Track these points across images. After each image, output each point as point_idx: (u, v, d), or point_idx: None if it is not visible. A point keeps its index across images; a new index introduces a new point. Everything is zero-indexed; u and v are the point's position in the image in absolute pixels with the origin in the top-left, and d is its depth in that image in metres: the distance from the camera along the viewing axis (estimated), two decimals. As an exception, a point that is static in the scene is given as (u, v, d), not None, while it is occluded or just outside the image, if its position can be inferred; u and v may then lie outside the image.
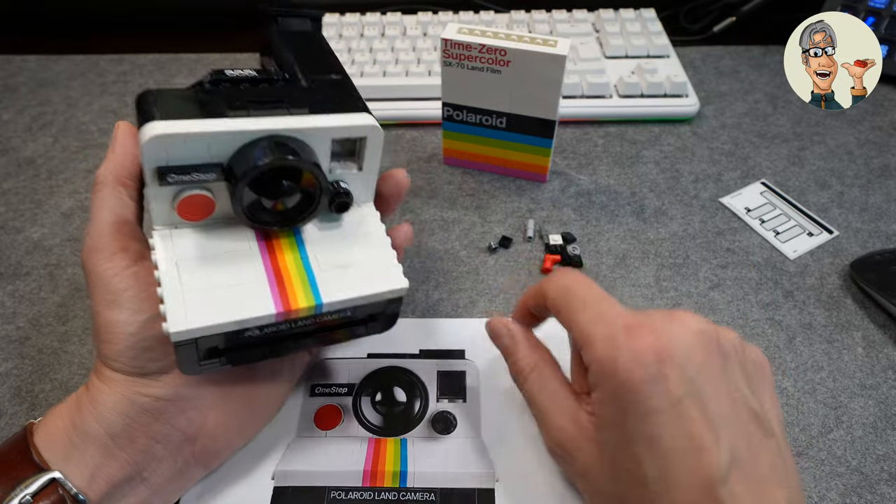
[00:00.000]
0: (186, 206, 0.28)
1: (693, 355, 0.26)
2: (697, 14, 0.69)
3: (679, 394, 0.24)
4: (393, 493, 0.33)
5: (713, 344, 0.26)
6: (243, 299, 0.27)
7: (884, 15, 0.59)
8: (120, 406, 0.28)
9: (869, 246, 0.46)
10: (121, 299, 0.28)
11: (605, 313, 0.27)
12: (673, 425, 0.24)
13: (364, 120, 0.29)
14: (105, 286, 0.28)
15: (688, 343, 0.26)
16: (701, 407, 0.25)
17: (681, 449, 0.24)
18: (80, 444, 0.28)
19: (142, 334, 0.28)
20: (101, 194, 0.30)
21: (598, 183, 0.51)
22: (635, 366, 0.25)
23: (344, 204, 0.31)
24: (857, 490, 0.34)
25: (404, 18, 0.64)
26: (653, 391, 0.25)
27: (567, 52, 0.42)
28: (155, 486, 0.30)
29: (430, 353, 0.39)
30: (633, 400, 0.25)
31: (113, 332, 0.28)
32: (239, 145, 0.27)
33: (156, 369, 0.29)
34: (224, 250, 0.29)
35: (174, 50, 0.66)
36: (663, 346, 0.25)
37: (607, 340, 0.26)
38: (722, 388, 0.26)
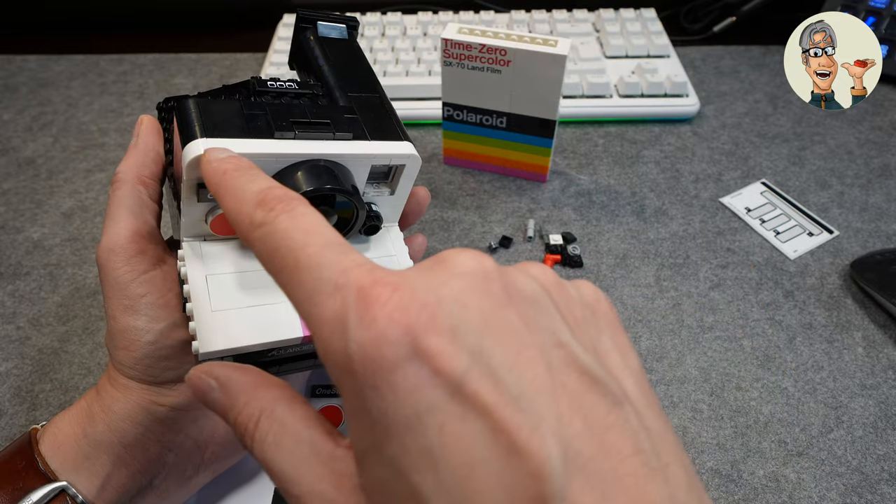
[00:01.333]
0: (221, 222, 0.28)
1: (468, 308, 0.16)
2: (697, 14, 0.69)
3: (457, 375, 0.15)
4: (393, 493, 0.33)
5: (496, 286, 0.17)
6: (272, 321, 0.27)
7: (884, 15, 0.59)
8: (134, 415, 0.28)
9: (869, 246, 0.46)
10: (138, 305, 0.27)
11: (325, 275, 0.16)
12: (458, 428, 0.15)
13: (406, 149, 0.29)
14: (122, 291, 0.28)
15: (456, 292, 0.16)
16: (497, 385, 0.15)
17: (480, 461, 0.14)
18: (91, 453, 0.27)
19: (160, 343, 0.28)
20: (121, 192, 0.29)
21: (599, 183, 0.51)
22: (378, 349, 0.15)
23: (374, 227, 0.31)
24: (857, 490, 0.34)
25: (404, 18, 0.64)
26: (414, 381, 0.15)
27: (567, 52, 0.42)
28: (163, 492, 0.30)
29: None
30: (386, 404, 0.15)
31: (130, 339, 0.27)
32: (282, 167, 0.27)
33: (171, 378, 0.28)
34: (253, 268, 0.29)
35: (174, 50, 0.66)
36: (418, 304, 0.15)
37: (335, 320, 0.16)
38: (526, 347, 0.16)
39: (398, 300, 0.15)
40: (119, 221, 0.28)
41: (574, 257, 0.45)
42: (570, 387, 0.16)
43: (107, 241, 0.28)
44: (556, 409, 0.15)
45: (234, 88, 0.29)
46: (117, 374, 0.28)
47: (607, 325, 0.19)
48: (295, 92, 0.29)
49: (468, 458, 0.15)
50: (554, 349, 0.16)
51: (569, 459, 0.15)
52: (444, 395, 0.15)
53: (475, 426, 0.15)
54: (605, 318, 0.19)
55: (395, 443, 0.15)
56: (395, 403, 0.15)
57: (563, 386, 0.16)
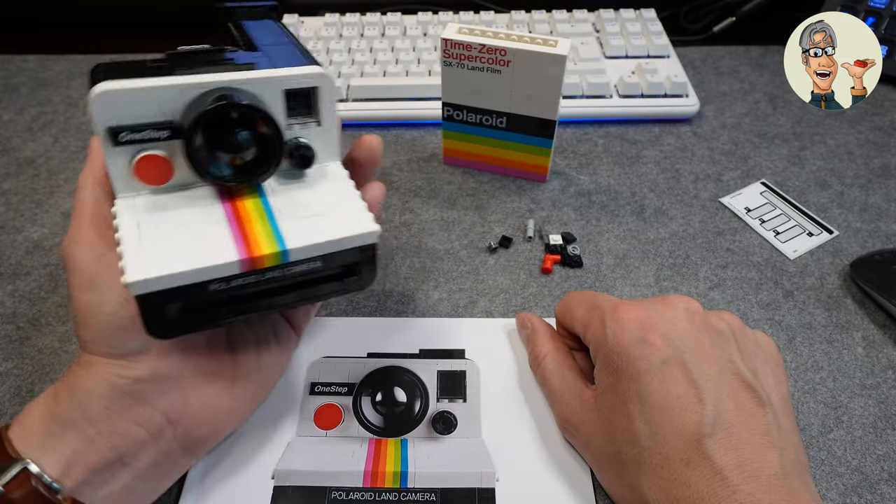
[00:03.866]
0: (144, 166, 0.28)
1: (677, 326, 0.30)
2: (697, 14, 0.69)
3: (664, 356, 0.29)
4: (394, 494, 0.33)
5: (698, 319, 0.31)
6: (205, 249, 0.26)
7: (884, 15, 0.59)
8: (98, 389, 0.28)
9: (869, 246, 0.46)
10: (96, 281, 0.28)
11: (599, 303, 0.33)
12: (659, 384, 0.29)
13: (312, 70, 0.29)
14: (81, 272, 0.28)
15: (672, 317, 0.31)
16: (684, 370, 0.29)
17: (667, 407, 0.28)
18: (57, 431, 0.28)
19: (117, 314, 0.28)
20: (81, 194, 0.30)
21: (598, 183, 0.51)
22: (622, 333, 0.30)
23: (305, 157, 0.30)
24: (857, 490, 0.34)
25: (404, 18, 0.64)
26: (639, 353, 0.29)
27: (567, 52, 0.42)
28: (138, 471, 0.29)
29: (430, 352, 0.39)
30: (622, 363, 0.30)
31: (88, 314, 0.28)
32: (189, 99, 0.27)
33: (134, 349, 0.29)
34: (186, 210, 0.28)
35: (174, 50, 0.66)
36: (647, 317, 0.31)
37: (600, 320, 0.32)
38: (709, 356, 0.30)
39: (636, 312, 0.31)
40: (80, 217, 0.29)
41: (574, 257, 0.45)
42: (731, 384, 0.29)
43: (69, 235, 0.29)
44: (718, 393, 0.28)
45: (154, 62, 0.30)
46: (83, 353, 0.29)
47: (771, 360, 0.32)
48: (207, 50, 0.30)
49: (661, 403, 0.28)
50: (726, 363, 0.30)
51: (719, 420, 0.27)
52: (654, 365, 0.29)
53: (667, 387, 0.28)
54: (770, 356, 0.32)
55: (623, 385, 0.30)
56: (627, 364, 0.30)
57: (726, 383, 0.29)
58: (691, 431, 0.27)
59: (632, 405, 0.29)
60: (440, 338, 0.40)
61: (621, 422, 0.29)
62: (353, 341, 0.40)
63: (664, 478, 0.28)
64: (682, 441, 0.27)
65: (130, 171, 0.28)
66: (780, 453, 0.27)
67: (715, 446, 0.27)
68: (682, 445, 0.27)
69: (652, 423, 0.28)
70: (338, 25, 0.62)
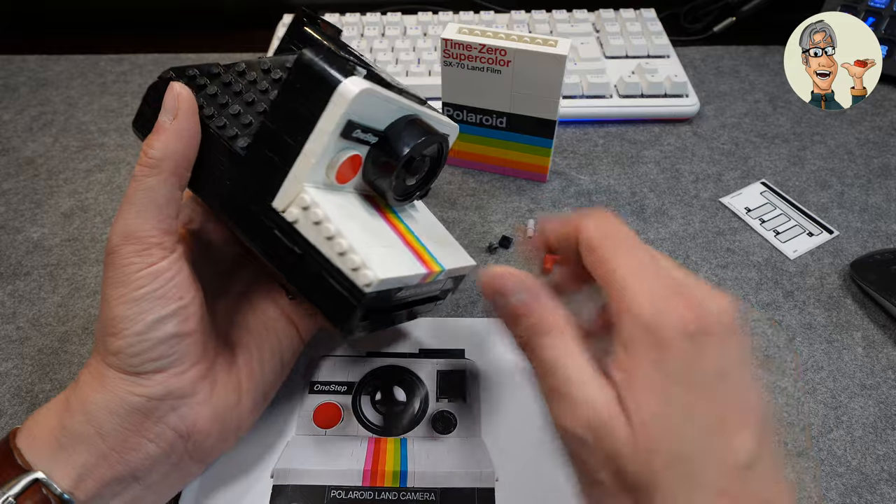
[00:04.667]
0: (347, 166, 0.28)
1: (731, 339, 0.23)
2: (697, 14, 0.69)
3: (719, 370, 0.22)
4: (393, 493, 0.33)
5: (742, 330, 0.24)
6: (402, 258, 0.28)
7: (884, 15, 0.59)
8: (111, 405, 0.28)
9: (869, 246, 0.46)
10: (138, 295, 0.27)
11: (647, 265, 0.24)
12: (710, 401, 0.22)
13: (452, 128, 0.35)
14: (126, 280, 0.27)
15: (727, 327, 0.23)
16: (736, 389, 0.23)
17: (715, 427, 0.22)
18: (68, 444, 0.27)
19: (146, 334, 0.28)
20: (152, 182, 0.28)
21: (599, 183, 0.51)
22: (681, 331, 0.22)
23: (428, 191, 0.35)
24: (857, 490, 0.34)
25: (404, 18, 0.64)
26: (697, 361, 0.22)
27: (567, 52, 0.42)
28: (149, 483, 0.29)
29: (430, 352, 0.39)
30: (676, 365, 0.22)
31: (119, 328, 0.27)
32: (396, 118, 0.29)
33: (151, 369, 0.28)
34: (365, 215, 0.30)
35: (174, 50, 0.66)
36: (709, 321, 0.23)
37: (651, 295, 0.23)
38: (749, 376, 0.23)
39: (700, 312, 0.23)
40: (143, 211, 0.28)
41: (574, 257, 0.44)
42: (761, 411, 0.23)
43: (125, 226, 0.28)
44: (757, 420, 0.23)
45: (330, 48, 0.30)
46: (98, 362, 0.28)
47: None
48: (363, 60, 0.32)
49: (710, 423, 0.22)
50: (757, 384, 0.24)
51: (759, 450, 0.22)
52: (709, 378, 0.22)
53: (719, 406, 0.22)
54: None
55: (672, 390, 0.22)
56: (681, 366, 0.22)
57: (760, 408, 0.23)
58: (736, 460, 0.22)
59: (679, 419, 0.22)
60: (440, 338, 0.40)
61: (664, 437, 0.22)
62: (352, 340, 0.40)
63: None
64: (725, 469, 0.22)
65: (331, 165, 0.28)
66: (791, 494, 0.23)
67: (756, 479, 0.22)
68: (725, 473, 0.22)
69: (699, 442, 0.22)
70: (337, 25, 0.62)
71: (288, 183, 0.27)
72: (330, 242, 0.26)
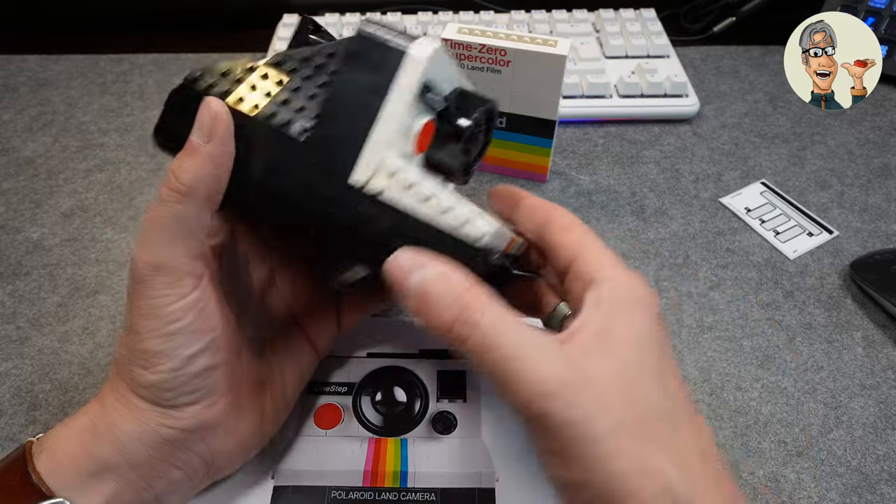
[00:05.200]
0: (425, 132, 0.27)
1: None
2: (697, 14, 0.69)
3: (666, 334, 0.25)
4: (393, 494, 0.33)
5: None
6: (496, 225, 0.26)
7: (884, 15, 0.59)
8: (144, 437, 0.27)
9: (869, 246, 0.46)
10: (172, 329, 0.26)
11: (609, 254, 0.26)
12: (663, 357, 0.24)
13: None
14: (158, 313, 0.26)
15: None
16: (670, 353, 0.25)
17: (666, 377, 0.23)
18: (95, 472, 0.27)
19: (182, 369, 0.27)
20: (184, 209, 0.26)
21: (598, 183, 0.51)
22: (651, 299, 0.25)
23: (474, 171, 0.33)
24: (857, 490, 0.34)
25: (404, 18, 0.64)
26: (662, 325, 0.25)
27: (567, 52, 0.42)
28: (167, 502, 0.30)
29: (430, 352, 0.39)
30: (648, 324, 0.24)
31: (152, 362, 0.26)
32: (455, 87, 0.29)
33: (184, 402, 0.28)
34: (442, 187, 0.27)
35: (174, 50, 0.66)
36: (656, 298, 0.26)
37: (621, 266, 0.25)
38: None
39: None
40: (174, 240, 0.26)
41: (574, 257, 0.44)
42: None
43: (154, 255, 0.26)
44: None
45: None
46: (127, 391, 0.27)
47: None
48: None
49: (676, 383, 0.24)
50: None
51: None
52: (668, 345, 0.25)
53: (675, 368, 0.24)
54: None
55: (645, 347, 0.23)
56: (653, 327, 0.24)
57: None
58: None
59: (654, 377, 0.23)
60: (440, 338, 0.40)
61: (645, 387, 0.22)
62: (353, 341, 0.40)
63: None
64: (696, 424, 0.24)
65: (408, 132, 0.27)
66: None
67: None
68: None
69: (675, 398, 0.23)
70: (338, 25, 0.62)
71: (368, 153, 0.25)
72: (428, 203, 0.25)
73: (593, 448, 0.21)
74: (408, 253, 0.24)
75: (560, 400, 0.21)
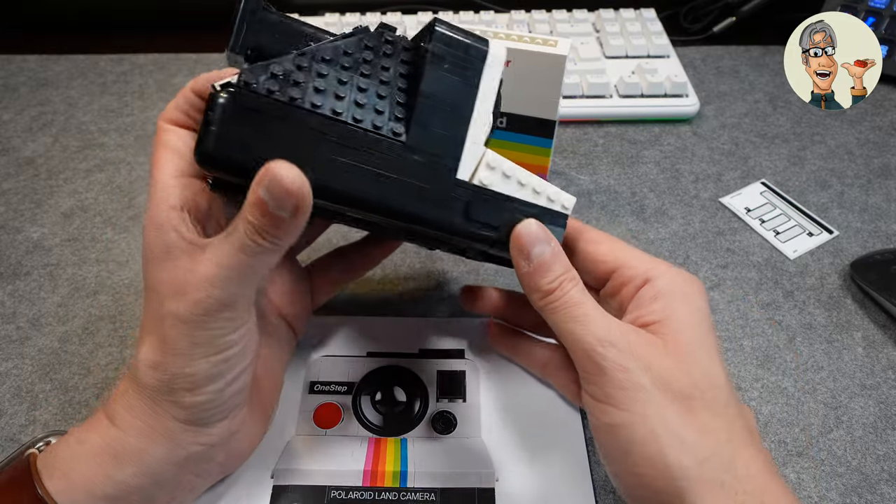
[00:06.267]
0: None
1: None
2: (697, 14, 0.69)
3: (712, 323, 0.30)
4: (393, 493, 0.33)
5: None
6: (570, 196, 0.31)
7: (884, 15, 0.59)
8: (174, 458, 0.27)
9: (869, 246, 0.46)
10: (228, 356, 0.26)
11: (649, 256, 0.32)
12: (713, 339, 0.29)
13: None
14: (216, 343, 0.25)
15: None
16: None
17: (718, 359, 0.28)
18: (117, 496, 0.26)
19: (226, 389, 0.27)
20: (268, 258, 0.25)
21: (598, 183, 0.51)
22: (701, 285, 0.30)
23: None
24: (857, 490, 0.34)
25: (404, 18, 0.64)
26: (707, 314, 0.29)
27: (567, 52, 0.42)
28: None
29: (430, 352, 0.39)
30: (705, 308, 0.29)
31: (200, 384, 0.26)
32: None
33: (218, 419, 0.28)
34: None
35: (174, 50, 0.66)
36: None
37: (666, 264, 0.30)
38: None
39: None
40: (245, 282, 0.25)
41: (574, 257, 0.45)
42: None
43: (226, 294, 0.25)
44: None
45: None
46: (159, 413, 0.26)
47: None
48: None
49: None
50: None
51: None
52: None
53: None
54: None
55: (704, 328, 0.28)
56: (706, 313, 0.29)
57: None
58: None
59: (713, 352, 0.28)
60: (440, 338, 0.40)
61: (701, 359, 0.27)
62: (352, 341, 0.40)
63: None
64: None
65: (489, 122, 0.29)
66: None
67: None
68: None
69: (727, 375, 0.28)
70: (338, 25, 0.62)
71: (468, 150, 0.27)
72: (524, 188, 0.29)
73: (637, 392, 0.26)
74: (532, 226, 0.29)
75: (616, 349, 0.27)
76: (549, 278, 0.28)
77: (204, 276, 0.24)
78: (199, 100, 0.27)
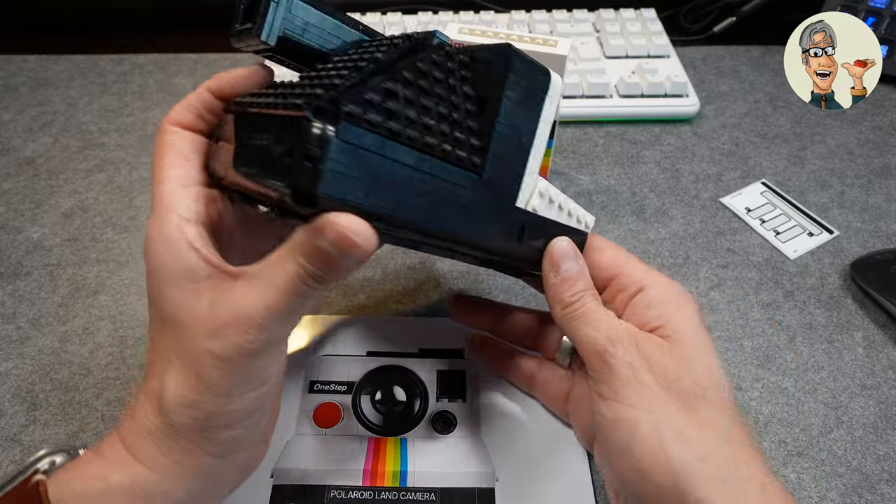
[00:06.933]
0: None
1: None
2: (697, 14, 0.69)
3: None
4: (393, 493, 0.33)
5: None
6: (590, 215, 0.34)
7: (884, 15, 0.59)
8: (205, 490, 0.26)
9: (869, 246, 0.46)
10: (267, 389, 0.25)
11: (647, 265, 0.33)
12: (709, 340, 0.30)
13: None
14: (259, 378, 0.24)
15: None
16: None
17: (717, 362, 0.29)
18: None
19: (260, 420, 0.26)
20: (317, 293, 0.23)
21: (599, 183, 0.51)
22: (691, 296, 0.31)
23: None
24: (857, 490, 0.34)
25: (404, 18, 0.64)
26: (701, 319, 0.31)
27: (567, 52, 0.42)
28: None
29: (430, 352, 0.39)
30: (697, 314, 0.30)
31: (238, 418, 0.25)
32: None
33: (248, 446, 0.27)
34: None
35: (174, 50, 0.66)
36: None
37: (660, 274, 0.32)
38: None
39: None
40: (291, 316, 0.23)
41: (574, 257, 0.45)
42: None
43: (275, 334, 0.23)
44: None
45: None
46: (190, 450, 0.25)
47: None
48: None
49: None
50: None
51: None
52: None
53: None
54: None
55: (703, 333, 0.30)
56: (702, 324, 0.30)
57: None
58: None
59: (713, 357, 0.28)
60: (440, 337, 0.40)
61: (701, 361, 0.28)
62: (352, 340, 0.40)
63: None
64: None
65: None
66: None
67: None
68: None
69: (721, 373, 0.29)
70: (338, 25, 0.62)
71: (527, 178, 0.28)
72: (562, 212, 0.31)
73: (642, 389, 0.27)
74: (564, 244, 0.31)
75: (623, 347, 0.28)
76: (573, 291, 0.30)
77: (251, 318, 0.22)
78: (217, 101, 0.25)
